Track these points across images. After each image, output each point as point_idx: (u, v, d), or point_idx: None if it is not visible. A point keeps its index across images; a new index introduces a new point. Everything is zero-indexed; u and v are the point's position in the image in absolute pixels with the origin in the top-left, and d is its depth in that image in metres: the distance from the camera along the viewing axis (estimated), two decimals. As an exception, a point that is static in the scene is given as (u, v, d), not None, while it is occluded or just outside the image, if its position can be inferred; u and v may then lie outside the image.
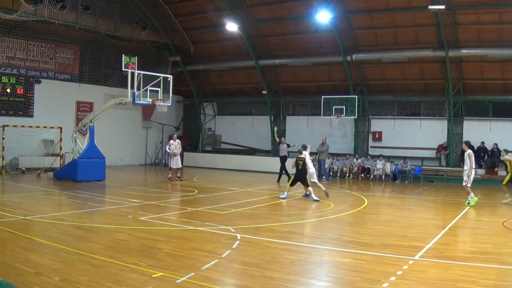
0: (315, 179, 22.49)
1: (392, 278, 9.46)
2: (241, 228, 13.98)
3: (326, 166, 33.10)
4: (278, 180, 29.59)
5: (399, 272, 9.88)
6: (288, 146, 30.73)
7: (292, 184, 21.85)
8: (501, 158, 25.07)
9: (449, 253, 12.16)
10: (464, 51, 32.48)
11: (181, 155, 30.15)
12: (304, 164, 21.24)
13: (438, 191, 27.17)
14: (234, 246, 11.86)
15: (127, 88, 24.91)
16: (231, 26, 35.59)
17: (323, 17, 32.04)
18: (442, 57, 33.05)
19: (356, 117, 36.12)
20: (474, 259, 11.43)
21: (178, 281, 8.92)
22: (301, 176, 21.38)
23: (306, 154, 22.00)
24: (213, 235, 13.19)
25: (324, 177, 31.63)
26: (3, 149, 29.35)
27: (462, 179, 20.98)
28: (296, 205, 20.51)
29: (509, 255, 12.15)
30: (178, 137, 30.68)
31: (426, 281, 9.52)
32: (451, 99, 34.30)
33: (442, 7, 29.41)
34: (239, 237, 12.73)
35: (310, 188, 21.16)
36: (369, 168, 34.02)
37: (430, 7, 29.67)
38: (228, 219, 15.71)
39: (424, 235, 14.20)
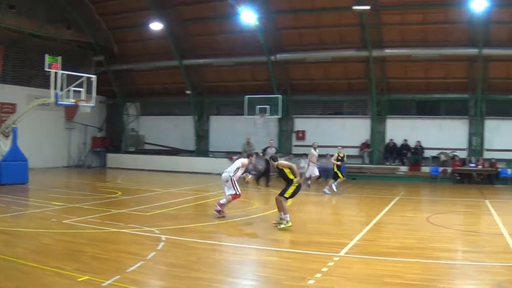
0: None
1: (318, 275, 9.53)
2: (166, 229, 13.85)
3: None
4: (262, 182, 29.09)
5: (325, 269, 9.96)
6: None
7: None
8: None
9: (374, 249, 12.36)
10: (388, 51, 33.21)
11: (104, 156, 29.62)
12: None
13: (361, 188, 27.58)
14: (159, 247, 11.76)
15: (50, 88, 24.41)
16: (156, 26, 35.32)
17: (248, 17, 32.06)
18: (366, 57, 33.70)
19: (280, 117, 36.27)
20: (399, 254, 11.69)
21: (103, 284, 8.77)
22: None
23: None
24: (137, 237, 13.03)
25: (251, 176, 31.70)
26: None
27: (384, 176, 21.34)
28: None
29: (434, 249, 12.39)
30: (101, 138, 30.19)
31: (352, 277, 9.66)
32: (374, 98, 34.89)
33: (367, 7, 29.89)
34: (163, 239, 12.62)
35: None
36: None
37: (355, 7, 30.10)
38: (153, 220, 15.52)
39: (348, 231, 14.40)
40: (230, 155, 35.33)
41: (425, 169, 33.19)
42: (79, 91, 25.35)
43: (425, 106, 35.88)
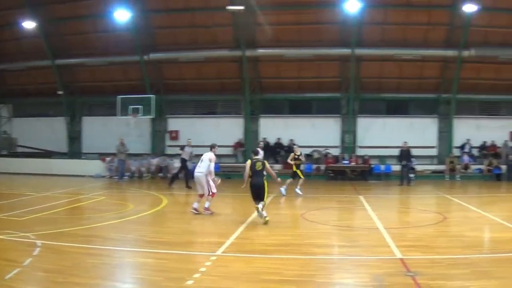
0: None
1: (197, 275, 9.48)
2: (41, 234, 13.35)
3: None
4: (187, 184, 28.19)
5: (203, 269, 9.93)
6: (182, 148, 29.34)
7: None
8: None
9: (251, 247, 12.44)
10: (261, 51, 33.55)
11: None
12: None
13: (236, 187, 27.43)
14: (35, 253, 11.32)
15: None
16: (28, 24, 34.03)
17: (122, 15, 31.67)
18: (239, 57, 34.00)
19: (153, 117, 35.96)
20: (276, 251, 11.78)
21: (-19, 293, 8.37)
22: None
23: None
24: (13, 243, 12.49)
25: (125, 177, 31.24)
26: None
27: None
28: (96, 207, 19.94)
29: (310, 245, 12.61)
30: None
31: (230, 275, 9.68)
32: (248, 98, 35.18)
33: (241, 7, 29.98)
34: (39, 244, 12.15)
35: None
36: (166, 167, 33.90)
37: (229, 7, 30.15)
38: (28, 225, 14.91)
39: (225, 230, 14.33)
40: (103, 157, 34.82)
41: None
42: None
43: (298, 105, 36.68)
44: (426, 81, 36.18)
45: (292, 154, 24.65)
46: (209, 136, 33.74)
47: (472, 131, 35.83)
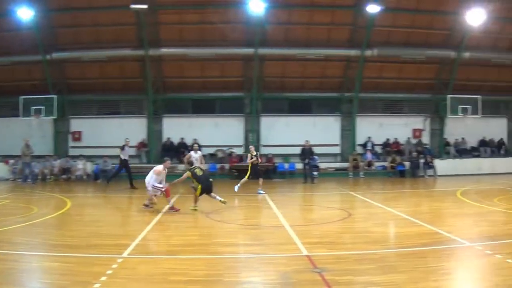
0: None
1: (103, 278, 9.29)
2: None
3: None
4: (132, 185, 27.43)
5: (109, 272, 9.72)
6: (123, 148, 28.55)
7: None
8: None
9: (157, 248, 12.45)
10: (164, 50, 33.46)
11: None
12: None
13: (141, 188, 27.08)
14: None
15: None
16: None
17: (25, 14, 30.79)
18: (142, 56, 33.75)
19: (55, 117, 35.15)
20: (183, 252, 11.71)
21: None
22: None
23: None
24: None
25: (29, 179, 30.42)
26: None
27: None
28: (0, 211, 19.32)
29: (216, 244, 12.65)
30: None
31: (138, 277, 9.54)
32: (151, 97, 34.94)
33: (145, 6, 29.73)
34: None
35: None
36: (69, 169, 33.22)
37: (132, 6, 29.80)
38: None
39: (130, 232, 14.19)
40: (6, 159, 33.86)
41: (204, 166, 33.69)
42: None
43: (202, 104, 36.70)
44: (329, 80, 36.87)
45: (249, 154, 24.95)
46: (112, 136, 33.58)
47: (375, 129, 36.83)
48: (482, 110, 35.94)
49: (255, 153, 24.62)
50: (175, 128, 36.09)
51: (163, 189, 17.91)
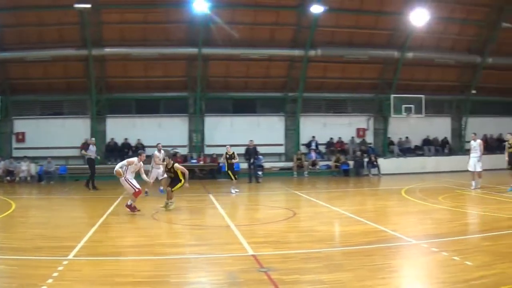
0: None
1: (50, 281, 9.15)
2: None
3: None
4: (90, 185, 26.65)
5: (55, 274, 9.57)
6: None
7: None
8: None
9: (103, 249, 12.17)
10: (108, 50, 33.23)
11: None
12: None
13: (84, 189, 26.87)
14: None
15: None
16: None
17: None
18: (85, 56, 33.34)
19: (-2, 118, 34.52)
20: (129, 253, 11.70)
21: None
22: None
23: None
24: None
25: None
26: None
27: (107, 176, 20.84)
28: None
29: (163, 245, 12.58)
30: None
31: (83, 279, 9.40)
32: (94, 97, 34.64)
33: (88, 6, 29.45)
34: None
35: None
36: (13, 171, 32.73)
37: (76, 5, 29.50)
38: None
39: (75, 234, 13.95)
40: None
41: (148, 166, 33.43)
42: None
43: (146, 104, 36.59)
44: (273, 80, 37.10)
45: (224, 154, 25.28)
46: (56, 137, 33.14)
47: (319, 128, 37.24)
48: (426, 109, 36.74)
49: (231, 152, 25.16)
50: (119, 129, 35.90)
51: (137, 190, 17.71)
